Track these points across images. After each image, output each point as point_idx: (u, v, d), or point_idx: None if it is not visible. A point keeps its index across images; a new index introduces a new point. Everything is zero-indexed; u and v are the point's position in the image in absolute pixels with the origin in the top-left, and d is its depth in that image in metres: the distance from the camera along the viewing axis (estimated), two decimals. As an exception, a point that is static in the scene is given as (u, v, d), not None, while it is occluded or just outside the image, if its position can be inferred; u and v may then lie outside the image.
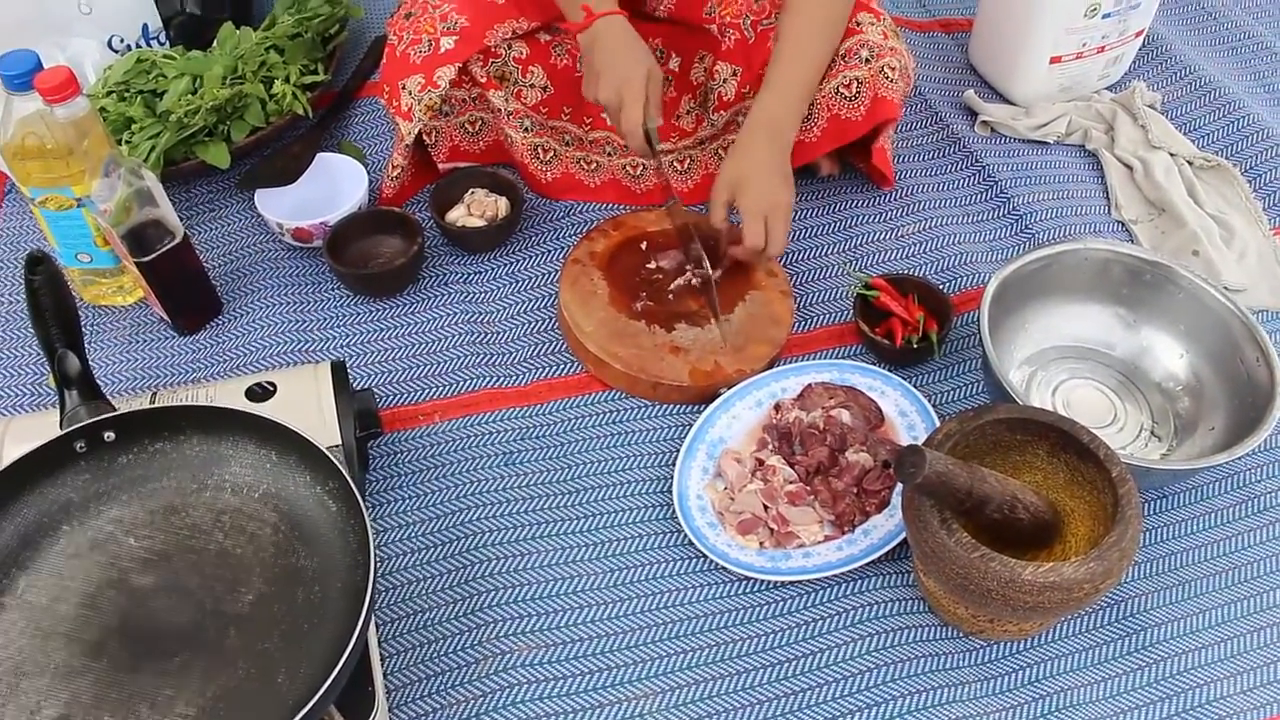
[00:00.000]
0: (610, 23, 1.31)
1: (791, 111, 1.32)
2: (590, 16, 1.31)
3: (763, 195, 1.27)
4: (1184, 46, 1.81)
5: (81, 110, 1.20)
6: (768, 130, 1.30)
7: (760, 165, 1.28)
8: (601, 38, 1.30)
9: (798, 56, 1.31)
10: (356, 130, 1.65)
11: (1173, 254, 1.46)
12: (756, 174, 1.28)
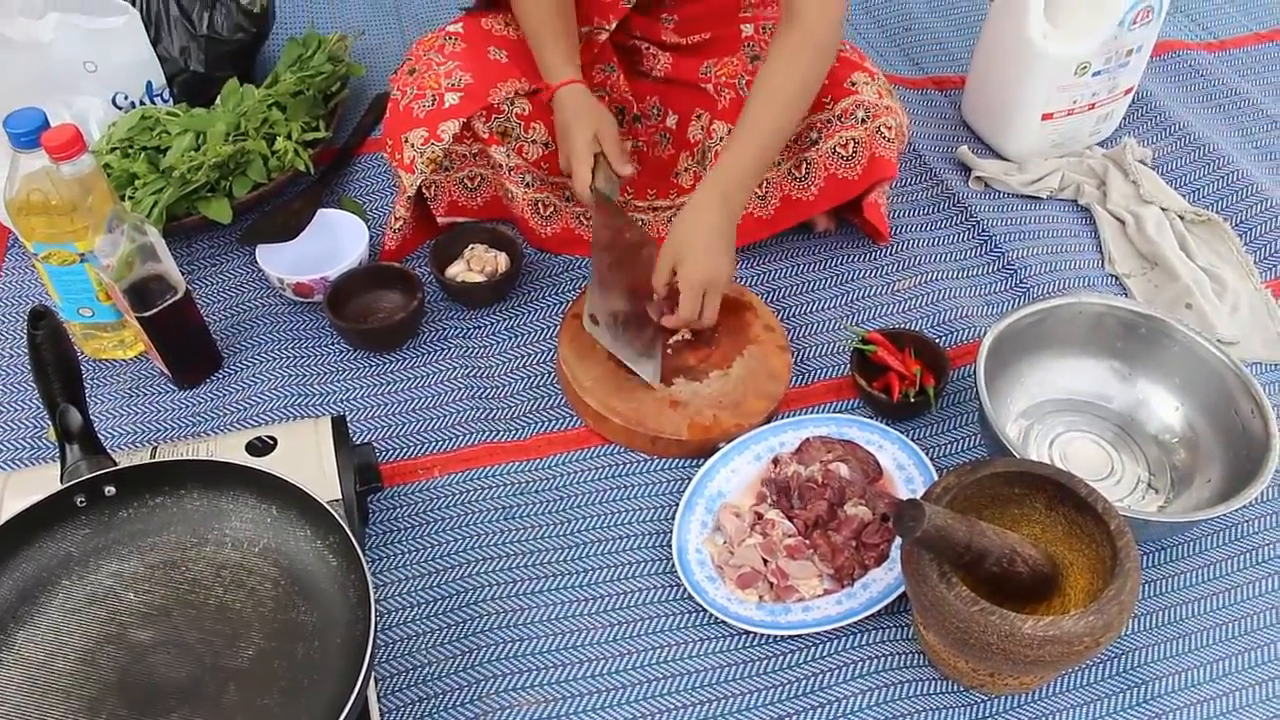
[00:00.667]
0: (565, 92, 1.38)
1: (745, 178, 1.29)
2: (549, 90, 1.39)
3: (701, 267, 1.24)
4: (1172, 103, 1.84)
5: (86, 167, 1.21)
6: (718, 196, 1.27)
7: (703, 234, 1.25)
8: (559, 108, 1.38)
9: (759, 126, 1.28)
10: (357, 186, 1.67)
11: (1166, 307, 1.47)
12: (699, 244, 1.25)
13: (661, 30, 1.54)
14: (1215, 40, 2.06)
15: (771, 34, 1.45)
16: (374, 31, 2.01)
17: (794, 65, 1.29)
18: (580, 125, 1.35)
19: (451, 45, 1.43)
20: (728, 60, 1.47)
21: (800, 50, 1.28)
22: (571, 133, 1.35)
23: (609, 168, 1.35)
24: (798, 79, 1.29)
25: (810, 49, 1.29)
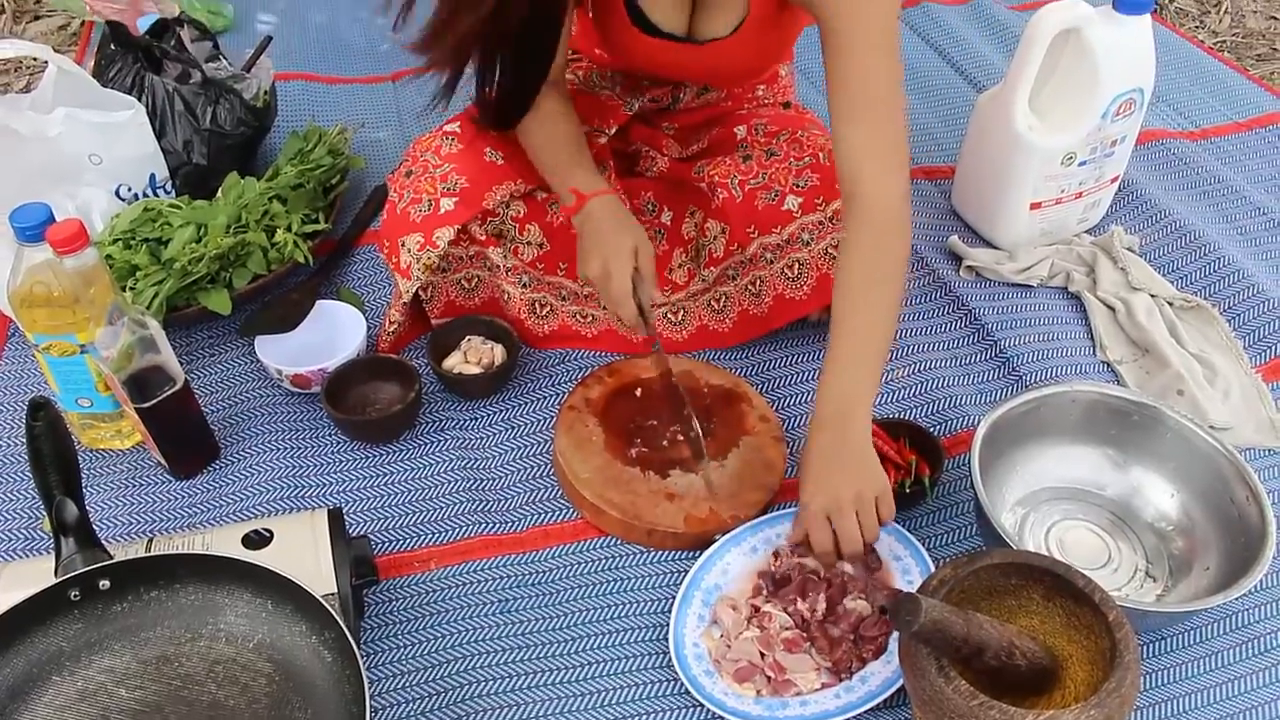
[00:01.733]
0: (601, 202, 1.36)
1: (859, 392, 1.17)
2: (581, 199, 1.36)
3: (818, 494, 1.15)
4: (1158, 191, 1.87)
5: (89, 260, 1.23)
6: (833, 421, 1.16)
7: (818, 460, 1.16)
8: (592, 217, 1.35)
9: (857, 324, 1.18)
10: (355, 277, 1.69)
11: (1158, 394, 1.48)
12: (812, 471, 1.16)
13: (662, 140, 1.57)
14: (1197, 129, 2.10)
15: (765, 134, 1.49)
16: (374, 123, 2.05)
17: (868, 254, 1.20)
18: (621, 236, 1.32)
19: (448, 146, 1.44)
20: (721, 160, 1.49)
21: (869, 236, 1.20)
22: (610, 240, 1.32)
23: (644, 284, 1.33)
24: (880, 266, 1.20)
25: (879, 231, 1.20)
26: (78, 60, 2.23)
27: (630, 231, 1.34)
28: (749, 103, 1.60)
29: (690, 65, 1.43)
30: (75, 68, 1.58)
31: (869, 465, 1.16)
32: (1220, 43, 2.57)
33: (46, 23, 2.46)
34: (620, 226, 1.34)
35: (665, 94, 1.56)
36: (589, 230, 1.35)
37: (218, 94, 1.71)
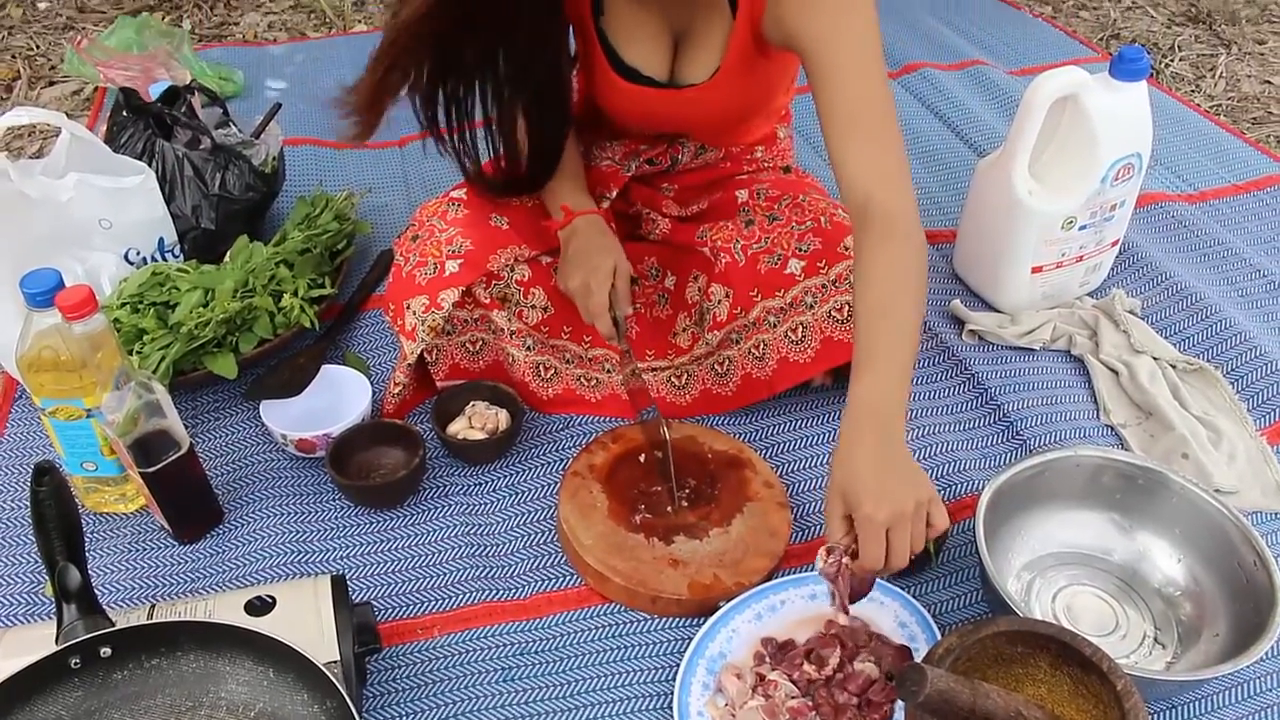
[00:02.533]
0: (586, 220, 1.44)
1: (894, 393, 1.11)
2: (569, 215, 1.43)
3: (878, 503, 1.04)
4: (1158, 254, 1.88)
5: (97, 326, 1.24)
6: (871, 423, 1.09)
7: (871, 467, 1.06)
8: (578, 233, 1.43)
9: (885, 328, 1.13)
10: (361, 342, 1.70)
11: (1163, 457, 1.48)
12: (866, 479, 1.06)
13: (662, 200, 1.59)
14: (1195, 192, 2.12)
15: (767, 199, 1.51)
16: (380, 189, 2.08)
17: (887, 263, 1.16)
18: (604, 254, 1.40)
19: (454, 211, 1.47)
20: (723, 225, 1.51)
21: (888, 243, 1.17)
22: (593, 257, 1.39)
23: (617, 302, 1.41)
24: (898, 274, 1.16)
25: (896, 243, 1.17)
26: (90, 125, 2.26)
27: (611, 251, 1.42)
28: (748, 164, 1.62)
29: (674, 112, 1.45)
30: (88, 134, 1.60)
31: (919, 473, 1.10)
32: (1216, 106, 2.60)
33: (61, 88, 2.50)
34: (603, 246, 1.42)
35: (663, 154, 1.58)
36: (573, 247, 1.43)
37: (227, 160, 1.73)
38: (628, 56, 1.42)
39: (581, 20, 1.42)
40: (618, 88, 1.44)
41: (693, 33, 1.39)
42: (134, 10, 2.84)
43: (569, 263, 1.42)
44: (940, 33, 2.81)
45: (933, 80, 2.51)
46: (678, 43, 1.42)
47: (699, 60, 1.39)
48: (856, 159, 1.20)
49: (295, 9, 2.93)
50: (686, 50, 1.41)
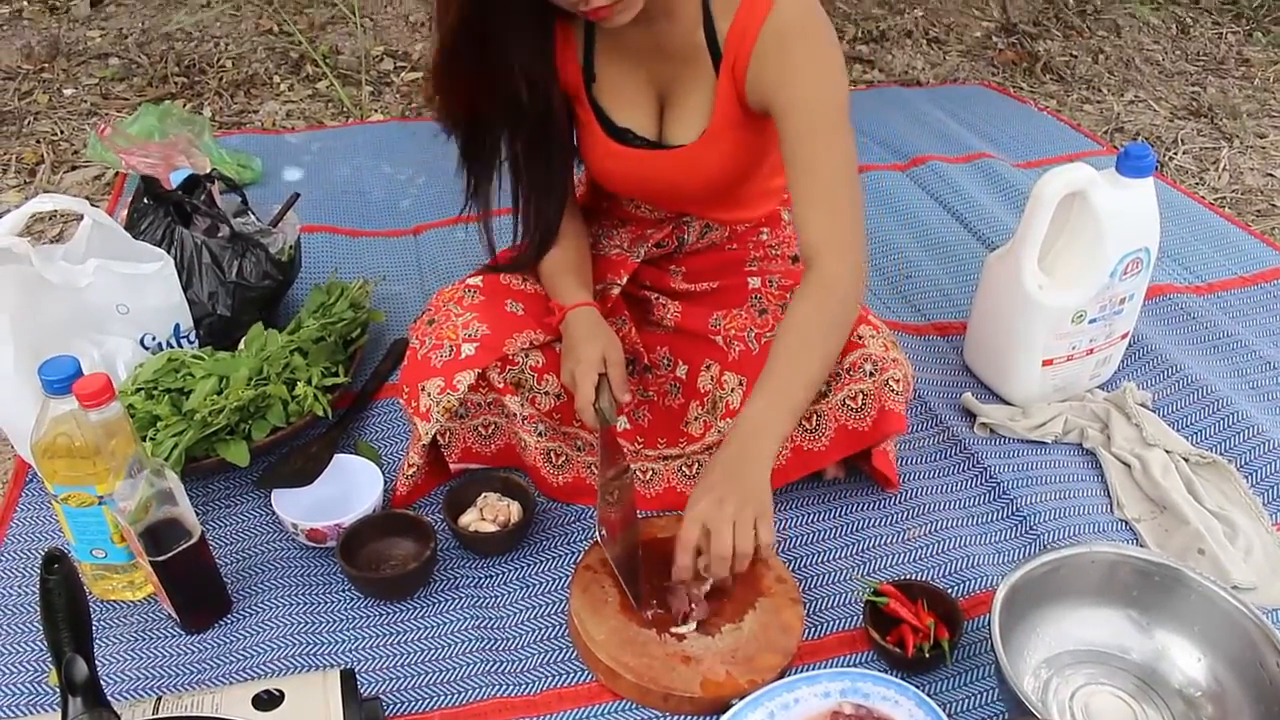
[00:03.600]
0: (576, 314, 1.46)
1: (774, 422, 1.27)
2: (561, 312, 1.46)
3: (698, 501, 1.22)
4: (1168, 346, 1.89)
5: (114, 413, 1.25)
6: (742, 439, 1.26)
7: (721, 471, 1.24)
8: (569, 327, 1.45)
9: (788, 365, 1.29)
10: (373, 431, 1.70)
11: (1178, 553, 1.47)
12: (713, 480, 1.23)
13: (670, 279, 1.61)
14: (1204, 284, 2.14)
15: (779, 288, 1.53)
16: (394, 277, 2.10)
17: (814, 313, 1.32)
18: (590, 344, 1.41)
19: (470, 297, 1.49)
20: (736, 313, 1.53)
21: (820, 298, 1.32)
22: (580, 349, 1.41)
23: (610, 392, 1.41)
24: (820, 326, 1.32)
25: (830, 296, 1.33)
26: (109, 209, 2.30)
27: (598, 341, 1.43)
28: (755, 248, 1.63)
29: (666, 173, 1.48)
30: (109, 220, 1.63)
31: (760, 487, 1.22)
32: (1220, 198, 2.63)
33: (83, 172, 2.54)
34: (590, 336, 1.43)
35: (669, 235, 1.60)
36: (565, 340, 1.46)
37: (244, 248, 1.75)
38: (619, 119, 1.46)
39: (575, 89, 1.46)
40: (611, 151, 1.48)
41: (679, 93, 1.43)
42: (156, 97, 2.90)
43: (563, 358, 1.45)
44: (947, 126, 2.86)
45: (940, 173, 2.55)
46: (664, 103, 1.45)
47: (686, 120, 1.43)
48: (815, 222, 1.33)
49: (313, 98, 2.99)
50: (674, 110, 1.44)
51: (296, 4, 3.43)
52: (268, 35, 3.25)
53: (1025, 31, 3.62)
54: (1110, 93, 3.27)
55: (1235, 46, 3.66)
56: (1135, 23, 3.76)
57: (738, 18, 1.33)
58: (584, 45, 1.44)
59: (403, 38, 3.31)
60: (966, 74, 3.35)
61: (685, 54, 1.39)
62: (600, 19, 1.25)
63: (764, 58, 1.32)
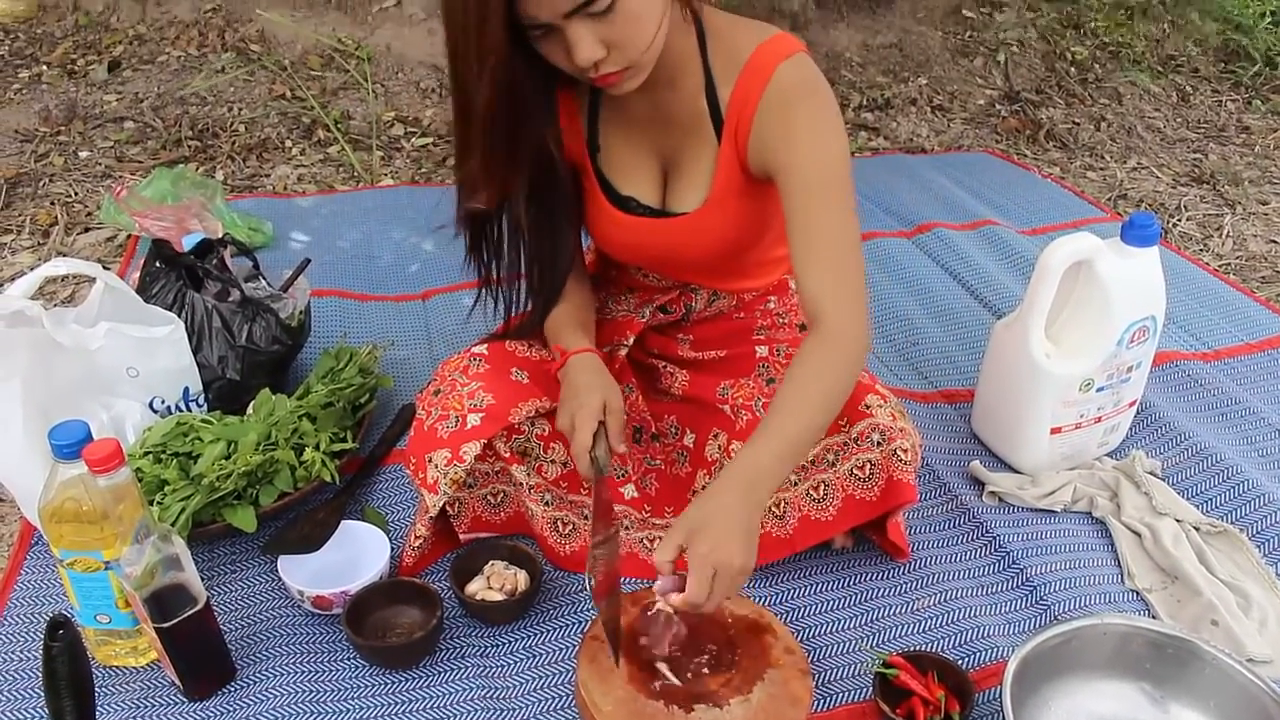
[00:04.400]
0: (579, 359, 1.45)
1: (774, 466, 1.24)
2: (564, 355, 1.45)
3: (717, 548, 1.16)
4: (1176, 413, 1.88)
5: (122, 478, 1.25)
6: (744, 480, 1.22)
7: (720, 515, 1.19)
8: (570, 372, 1.43)
9: (784, 424, 1.26)
10: (380, 496, 1.70)
11: (1191, 624, 1.46)
12: (715, 523, 1.18)
13: (678, 347, 1.62)
14: (1210, 350, 2.14)
15: (786, 357, 1.53)
16: (403, 342, 2.11)
17: (819, 368, 1.30)
18: (591, 392, 1.39)
19: (476, 366, 1.49)
20: (743, 382, 1.53)
21: (825, 354, 1.31)
22: (581, 395, 1.39)
23: (606, 441, 1.39)
24: (825, 381, 1.30)
25: (836, 353, 1.31)
26: (121, 271, 2.31)
27: (599, 388, 1.40)
28: (762, 316, 1.64)
29: (670, 241, 1.48)
30: (121, 284, 1.64)
31: (752, 544, 1.20)
32: (1225, 265, 2.65)
33: (96, 234, 2.56)
34: (591, 384, 1.41)
35: (676, 301, 1.61)
36: (565, 386, 1.43)
37: (255, 312, 1.76)
38: (623, 188, 1.47)
39: (580, 159, 1.48)
40: (615, 220, 1.48)
41: (682, 161, 1.44)
42: (170, 161, 2.93)
43: (562, 403, 1.42)
44: (952, 193, 2.89)
45: (946, 240, 2.56)
46: (667, 171, 1.47)
47: (689, 188, 1.44)
48: (817, 280, 1.32)
49: (325, 162, 3.03)
50: (677, 179, 1.46)
51: (309, 70, 3.48)
52: (280, 100, 3.30)
53: (1028, 99, 3.67)
54: (1113, 159, 3.30)
55: (1235, 114, 3.71)
56: (1136, 90, 3.81)
57: (739, 84, 1.35)
58: (588, 115, 1.46)
59: (413, 104, 3.36)
60: (971, 141, 3.39)
61: (688, 121, 1.41)
62: (608, 85, 1.27)
63: (766, 122, 1.34)
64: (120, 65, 3.48)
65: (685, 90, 1.39)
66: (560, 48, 1.21)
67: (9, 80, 3.38)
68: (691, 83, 1.38)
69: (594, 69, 1.22)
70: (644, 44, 1.22)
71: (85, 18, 3.75)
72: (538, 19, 1.17)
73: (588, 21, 1.17)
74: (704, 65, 1.37)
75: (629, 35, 1.20)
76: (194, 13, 3.72)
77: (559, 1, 1.15)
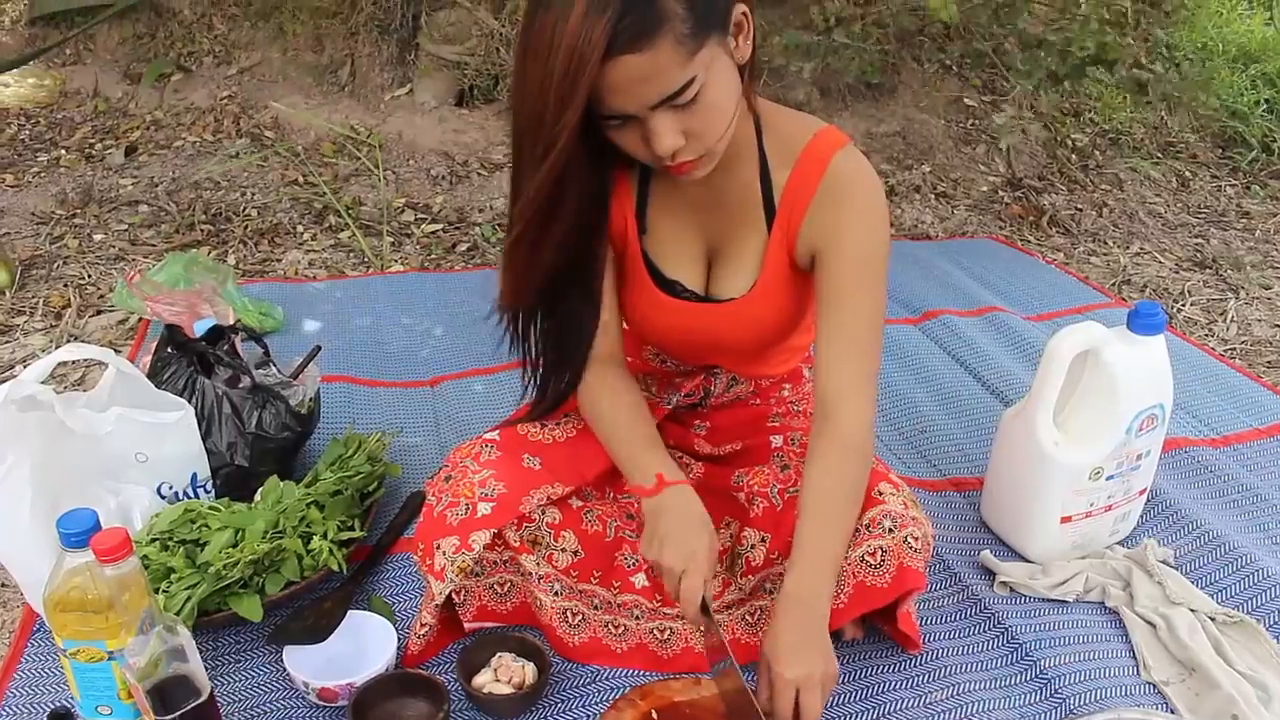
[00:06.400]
0: (680, 492, 1.41)
1: (822, 582, 1.32)
2: (663, 483, 1.42)
3: (794, 666, 1.25)
4: (1187, 501, 1.87)
5: (129, 567, 1.24)
6: (800, 604, 1.30)
7: (789, 640, 1.27)
8: (671, 505, 1.40)
9: (822, 527, 1.34)
10: (387, 586, 1.68)
11: (1211, 718, 1.43)
12: (783, 644, 1.27)
13: (695, 439, 1.62)
14: (1219, 436, 2.14)
15: (801, 445, 1.53)
16: (411, 429, 2.11)
17: (835, 470, 1.36)
18: (701, 535, 1.37)
19: (487, 453, 1.49)
20: (759, 470, 1.53)
21: (838, 454, 1.36)
22: (690, 538, 1.35)
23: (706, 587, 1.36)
24: (844, 483, 1.37)
25: (848, 452, 1.36)
26: (132, 354, 2.33)
27: (707, 530, 1.39)
28: (777, 404, 1.64)
29: (712, 325, 1.49)
30: (133, 369, 1.65)
31: (831, 653, 1.30)
32: (1231, 350, 2.66)
33: (108, 317, 2.58)
34: (701, 525, 1.39)
35: (697, 387, 1.61)
36: (668, 518, 1.38)
37: (265, 399, 1.77)
38: (669, 271, 1.48)
39: (626, 240, 1.48)
40: (658, 303, 1.49)
41: (729, 246, 1.45)
42: (183, 244, 2.97)
43: (663, 538, 1.36)
44: (957, 279, 2.91)
45: (952, 327, 2.58)
46: (713, 256, 1.47)
47: (736, 274, 1.45)
48: (838, 369, 1.37)
49: (336, 248, 3.06)
50: (723, 265, 1.46)
51: (322, 156, 3.54)
52: (293, 186, 3.35)
53: (1030, 185, 3.72)
54: (1116, 245, 3.34)
55: (1234, 199, 3.75)
56: (1137, 176, 3.86)
57: (795, 172, 1.38)
58: (638, 197, 1.47)
59: (424, 190, 3.41)
60: (975, 227, 3.43)
61: (739, 207, 1.42)
62: (681, 173, 1.28)
63: (820, 210, 1.37)
64: (137, 150, 3.56)
65: (741, 175, 1.40)
66: (637, 136, 1.23)
67: (28, 164, 3.45)
68: (747, 169, 1.40)
69: (671, 157, 1.24)
70: (721, 132, 1.25)
71: (104, 104, 3.83)
72: (624, 111, 1.19)
73: (671, 112, 1.19)
74: (759, 152, 1.39)
75: (709, 125, 1.23)
76: (210, 99, 3.81)
77: (647, 94, 1.16)
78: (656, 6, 1.12)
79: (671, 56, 1.14)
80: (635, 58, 1.13)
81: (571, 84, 1.13)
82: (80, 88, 3.93)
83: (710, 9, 1.17)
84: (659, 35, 1.12)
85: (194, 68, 3.92)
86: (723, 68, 1.21)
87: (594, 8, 1.10)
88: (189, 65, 3.92)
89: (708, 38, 1.17)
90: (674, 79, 1.16)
